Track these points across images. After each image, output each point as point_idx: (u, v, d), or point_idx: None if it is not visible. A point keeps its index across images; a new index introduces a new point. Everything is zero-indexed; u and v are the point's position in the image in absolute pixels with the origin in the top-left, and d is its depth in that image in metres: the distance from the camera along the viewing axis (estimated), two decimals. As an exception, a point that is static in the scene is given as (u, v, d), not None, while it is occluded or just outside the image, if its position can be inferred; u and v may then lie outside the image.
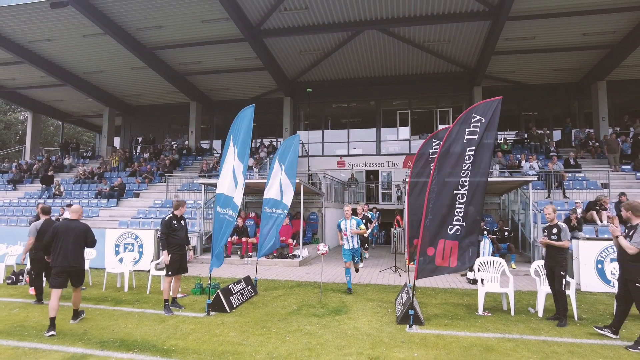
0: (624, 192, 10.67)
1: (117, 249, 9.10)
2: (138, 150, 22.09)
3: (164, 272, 6.32)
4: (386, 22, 14.70)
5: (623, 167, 14.29)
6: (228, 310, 5.83)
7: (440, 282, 8.51)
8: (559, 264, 5.63)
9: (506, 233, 9.87)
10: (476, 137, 4.97)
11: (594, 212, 10.18)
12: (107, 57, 17.91)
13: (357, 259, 7.56)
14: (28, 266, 7.93)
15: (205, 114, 22.48)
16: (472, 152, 5.02)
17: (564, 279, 5.57)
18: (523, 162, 14.24)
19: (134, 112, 23.96)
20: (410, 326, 5.16)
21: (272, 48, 16.95)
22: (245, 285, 6.74)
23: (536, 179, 10.63)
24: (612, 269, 7.34)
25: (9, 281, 7.91)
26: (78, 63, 18.80)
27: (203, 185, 11.93)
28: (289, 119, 20.69)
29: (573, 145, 17.02)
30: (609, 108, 17.63)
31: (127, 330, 5.11)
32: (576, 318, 5.74)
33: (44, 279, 6.60)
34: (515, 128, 19.96)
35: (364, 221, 8.94)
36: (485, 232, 9.53)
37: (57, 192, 15.80)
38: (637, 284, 4.52)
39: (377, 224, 15.00)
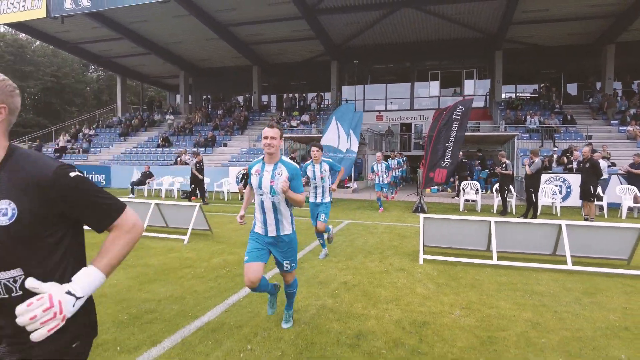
0: (591, 142, 14.90)
1: (237, 179, 14.79)
2: (210, 107, 27.56)
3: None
4: (420, 2, 18.55)
5: (612, 121, 18.13)
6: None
7: (445, 200, 13.60)
8: (505, 183, 10.54)
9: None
10: (459, 117, 9.76)
11: (565, 157, 14.61)
12: (188, 31, 22.81)
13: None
14: (190, 188, 13.65)
15: (264, 74, 27.32)
16: (457, 124, 9.84)
17: (506, 191, 10.50)
18: (528, 118, 18.39)
19: (202, 74, 29.17)
20: (418, 213, 10.34)
21: (323, 22, 21.20)
22: (326, 197, 12.13)
23: (517, 134, 15.01)
24: (550, 189, 12.10)
25: (183, 196, 13.77)
26: (163, 36, 23.90)
27: (284, 138, 17.25)
28: (335, 79, 25.20)
29: (590, 107, 20.16)
30: (618, 67, 20.88)
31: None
32: (514, 212, 10.72)
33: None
34: (533, 84, 23.60)
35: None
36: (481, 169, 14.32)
37: (164, 143, 21.74)
38: (530, 189, 9.39)
39: (404, 169, 19.68)
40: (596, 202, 10.09)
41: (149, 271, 5.11)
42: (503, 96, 22.79)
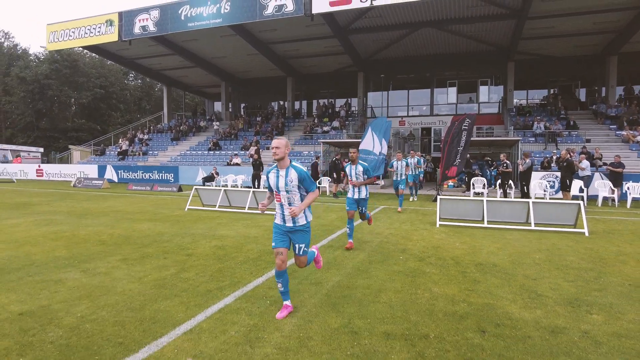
0: (585, 145, 17.80)
1: (286, 177, 18.31)
2: (246, 114, 31.25)
3: (328, 183, 15.23)
4: (438, 23, 21.73)
5: (611, 126, 20.89)
6: (360, 197, 14.66)
7: (458, 195, 16.75)
8: (506, 179, 13.68)
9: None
10: (467, 126, 12.98)
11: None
12: (232, 48, 26.51)
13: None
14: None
15: (297, 84, 30.89)
16: (465, 132, 13.05)
17: (506, 185, 13.63)
18: (535, 124, 21.32)
19: (241, 84, 32.97)
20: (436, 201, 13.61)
21: (353, 40, 24.57)
22: (362, 190, 15.48)
23: (521, 138, 18.01)
24: (543, 184, 15.11)
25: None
26: (209, 52, 27.69)
27: (322, 143, 20.74)
28: (361, 87, 28.55)
29: (594, 112, 22.93)
30: (623, 74, 23.56)
31: (326, 199, 14.06)
32: (513, 202, 13.84)
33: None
34: (544, 89, 26.43)
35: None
36: (492, 167, 17.44)
37: (215, 146, 25.48)
38: (523, 183, 12.50)
39: (424, 169, 22.79)
40: (578, 194, 13.14)
41: (269, 230, 8.57)
42: (515, 102, 25.71)
